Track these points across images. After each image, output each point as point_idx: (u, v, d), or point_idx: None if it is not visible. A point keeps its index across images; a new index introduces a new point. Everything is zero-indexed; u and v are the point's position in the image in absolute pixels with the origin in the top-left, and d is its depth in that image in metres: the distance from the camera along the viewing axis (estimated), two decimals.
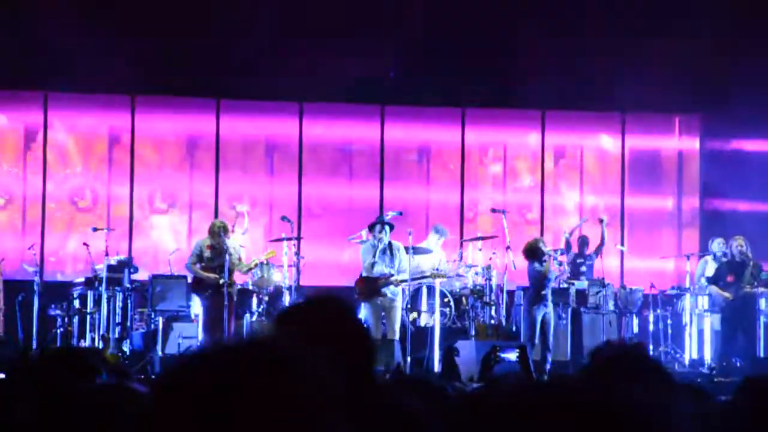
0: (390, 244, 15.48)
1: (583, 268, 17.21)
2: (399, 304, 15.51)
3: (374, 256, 15.38)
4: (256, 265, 15.79)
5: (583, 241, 17.54)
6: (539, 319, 15.26)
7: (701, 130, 19.90)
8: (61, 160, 18.62)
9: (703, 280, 16.89)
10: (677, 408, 3.13)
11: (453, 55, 18.55)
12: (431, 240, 16.87)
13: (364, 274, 15.53)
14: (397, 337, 15.22)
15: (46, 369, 2.92)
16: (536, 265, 15.26)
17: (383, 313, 15.37)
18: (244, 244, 16.49)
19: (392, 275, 15.36)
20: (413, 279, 15.71)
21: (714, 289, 16.42)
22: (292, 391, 1.65)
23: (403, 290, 15.74)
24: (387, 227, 15.54)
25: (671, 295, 17.35)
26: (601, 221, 17.50)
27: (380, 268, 15.39)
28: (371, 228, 15.62)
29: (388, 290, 15.37)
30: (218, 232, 15.49)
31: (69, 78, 17.62)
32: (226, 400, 1.63)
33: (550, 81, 18.64)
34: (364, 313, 15.30)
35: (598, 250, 17.26)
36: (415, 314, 16.17)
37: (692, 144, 20.03)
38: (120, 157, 18.76)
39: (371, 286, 15.37)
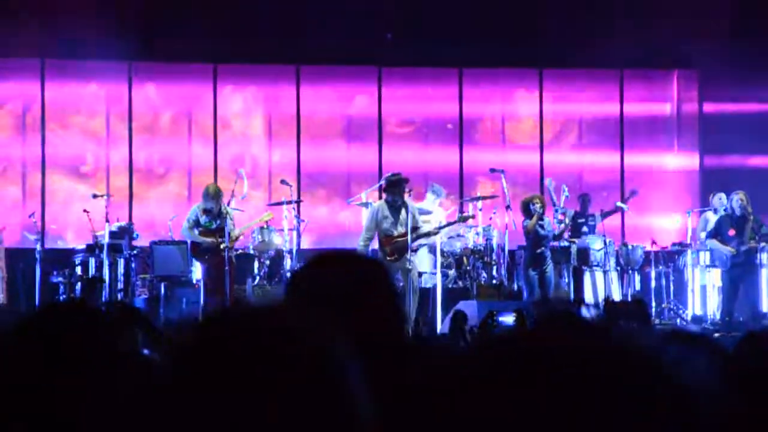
0: (404, 202, 15.05)
1: (585, 228, 17.16)
2: (417, 264, 15.23)
3: (389, 215, 14.91)
4: (243, 232, 15.78)
5: (585, 200, 17.50)
6: (536, 277, 15.29)
7: (700, 86, 19.85)
8: (61, 128, 18.56)
9: (704, 235, 16.84)
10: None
11: (449, 14, 18.46)
12: (428, 200, 16.81)
13: (380, 235, 14.99)
14: (417, 299, 14.99)
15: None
16: (526, 221, 15.34)
17: (405, 274, 14.78)
18: (244, 208, 16.46)
19: (414, 231, 14.88)
20: (437, 230, 15.44)
21: (715, 243, 16.29)
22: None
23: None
24: (404, 184, 15.11)
25: (673, 251, 17.35)
26: (622, 208, 17.55)
27: (398, 228, 14.95)
28: (393, 185, 15.06)
29: (414, 250, 14.95)
30: (213, 196, 15.47)
31: (66, 45, 17.57)
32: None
33: (548, 39, 18.59)
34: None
35: (605, 215, 17.26)
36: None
37: (691, 99, 19.97)
38: (117, 124, 18.71)
39: (398, 246, 14.92)
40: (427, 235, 15.31)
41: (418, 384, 1.50)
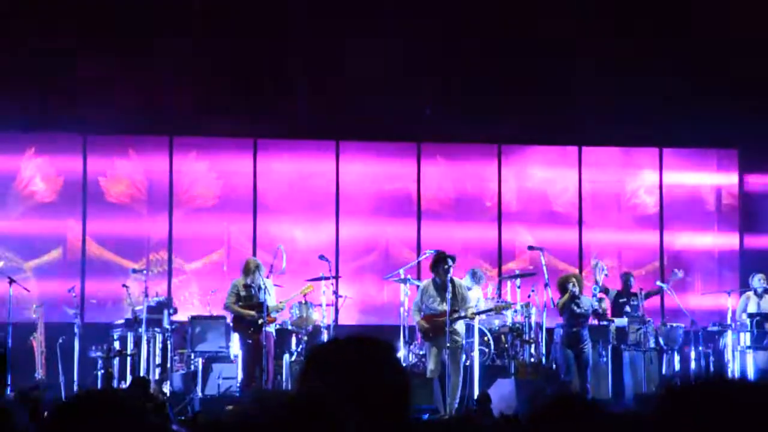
0: (452, 280, 15.01)
1: (627, 308, 17.02)
2: (462, 342, 15.13)
3: (436, 293, 15.01)
4: (282, 307, 15.77)
5: (627, 279, 17.39)
6: (572, 356, 15.22)
7: (740, 165, 19.78)
8: (101, 203, 18.60)
9: (744, 316, 16.74)
10: None
11: (489, 91, 18.53)
12: (466, 281, 16.72)
13: (424, 312, 15.07)
14: (461, 377, 14.97)
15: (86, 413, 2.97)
16: (558, 300, 15.35)
17: (447, 353, 14.81)
18: (282, 283, 16.47)
19: (455, 311, 14.89)
20: (478, 313, 15.42)
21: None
22: None
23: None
24: (451, 261, 15.10)
25: (713, 331, 17.19)
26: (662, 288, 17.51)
27: (442, 306, 14.93)
28: (435, 264, 15.13)
29: (455, 328, 14.95)
30: (253, 271, 15.50)
31: (105, 120, 17.71)
32: None
33: (588, 117, 18.62)
34: (430, 351, 15.01)
35: (648, 295, 17.14)
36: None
37: (731, 179, 19.88)
38: (158, 199, 18.77)
39: (437, 324, 14.96)
40: (464, 318, 15.21)
41: None
